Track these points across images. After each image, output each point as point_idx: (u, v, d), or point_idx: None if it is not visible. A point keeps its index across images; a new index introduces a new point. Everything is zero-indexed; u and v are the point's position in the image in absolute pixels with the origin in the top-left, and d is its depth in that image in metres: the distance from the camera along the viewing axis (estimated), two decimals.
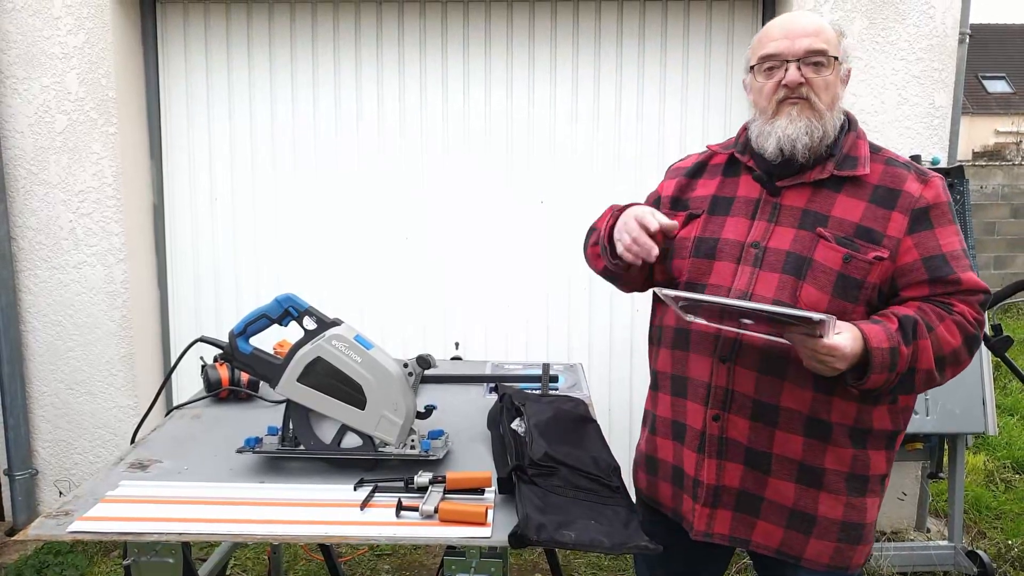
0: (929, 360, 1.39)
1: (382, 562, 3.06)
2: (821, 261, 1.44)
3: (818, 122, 1.47)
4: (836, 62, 1.48)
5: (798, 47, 1.47)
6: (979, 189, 8.14)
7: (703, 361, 1.53)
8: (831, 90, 1.48)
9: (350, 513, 1.38)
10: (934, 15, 3.03)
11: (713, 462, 1.52)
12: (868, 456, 1.50)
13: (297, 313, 1.59)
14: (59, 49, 3.09)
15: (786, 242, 1.48)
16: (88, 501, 1.42)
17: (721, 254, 1.53)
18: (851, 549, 1.51)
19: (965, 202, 2.83)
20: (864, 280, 1.43)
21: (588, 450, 1.58)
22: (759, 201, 1.54)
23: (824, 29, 1.48)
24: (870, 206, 1.46)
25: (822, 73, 1.47)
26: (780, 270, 1.46)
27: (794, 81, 1.47)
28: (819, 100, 1.47)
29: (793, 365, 1.45)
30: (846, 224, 1.45)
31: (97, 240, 3.20)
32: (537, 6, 3.27)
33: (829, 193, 1.49)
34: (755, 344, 1.46)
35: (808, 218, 1.48)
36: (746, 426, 1.49)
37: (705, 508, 1.53)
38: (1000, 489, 3.79)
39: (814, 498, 1.49)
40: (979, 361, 2.75)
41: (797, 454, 1.48)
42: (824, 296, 1.43)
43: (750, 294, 1.47)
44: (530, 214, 3.38)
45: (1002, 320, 7.33)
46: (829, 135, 1.48)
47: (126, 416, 3.30)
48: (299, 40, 3.31)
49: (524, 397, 1.85)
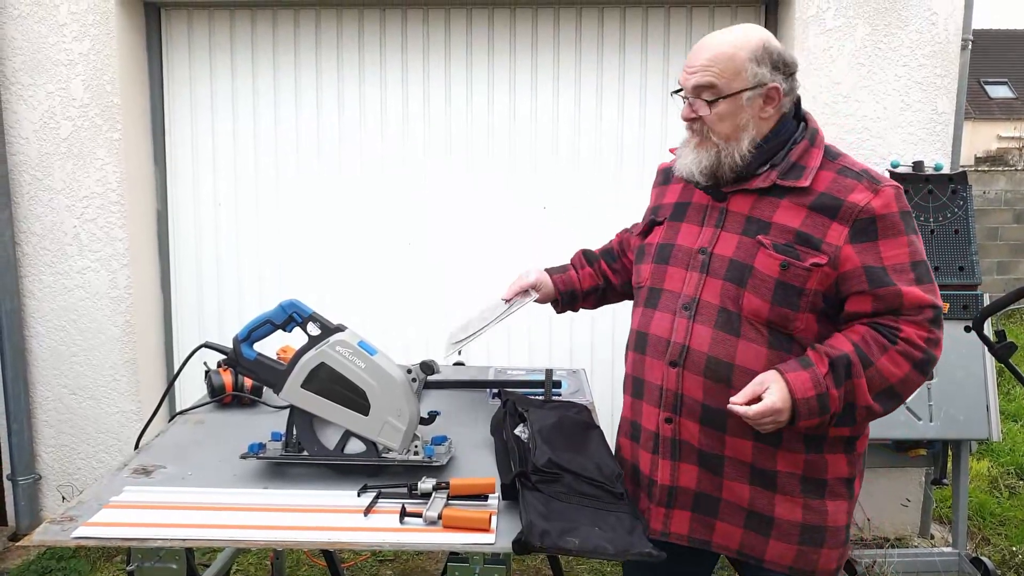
0: (866, 396, 1.40)
1: (385, 568, 3.05)
2: (760, 269, 1.47)
3: (712, 152, 1.51)
4: (735, 96, 1.47)
5: (689, 84, 1.52)
6: (982, 194, 8.13)
7: (657, 364, 1.57)
8: (729, 120, 1.49)
9: (354, 519, 1.38)
10: (936, 21, 3.03)
11: (667, 463, 1.55)
12: (824, 460, 1.52)
13: (301, 319, 1.59)
14: (64, 55, 3.11)
15: (730, 249, 1.51)
16: (92, 507, 1.42)
17: (674, 260, 1.59)
18: (815, 552, 1.52)
19: (968, 208, 2.83)
20: (804, 287, 1.45)
21: (591, 456, 1.58)
22: (708, 206, 1.58)
23: (719, 60, 1.47)
24: (811, 213, 1.47)
25: (715, 108, 1.49)
26: (723, 277, 1.50)
27: (684, 117, 1.55)
28: (713, 133, 1.50)
29: (737, 372, 1.48)
30: (787, 231, 1.47)
31: (101, 245, 3.20)
32: (540, 12, 3.28)
33: (772, 200, 1.51)
34: (702, 350, 1.50)
35: (751, 225, 1.51)
36: (697, 429, 1.53)
37: (660, 508, 1.57)
38: (1004, 495, 3.77)
39: (769, 500, 1.52)
40: (983, 367, 2.75)
41: (748, 457, 1.51)
42: (765, 304, 1.46)
43: (698, 300, 1.52)
44: (533, 220, 3.38)
45: (1006, 326, 7.31)
46: (736, 161, 1.50)
47: (129, 421, 3.30)
48: (302, 46, 3.32)
49: (527, 403, 1.85)
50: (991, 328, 2.39)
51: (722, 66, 1.47)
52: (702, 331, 1.50)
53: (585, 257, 1.98)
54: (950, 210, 2.83)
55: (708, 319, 1.51)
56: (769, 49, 1.48)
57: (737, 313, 1.48)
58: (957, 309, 2.74)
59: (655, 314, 1.59)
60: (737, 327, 1.48)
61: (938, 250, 2.80)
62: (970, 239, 2.81)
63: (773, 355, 1.47)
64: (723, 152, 1.50)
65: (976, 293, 2.76)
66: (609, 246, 2.00)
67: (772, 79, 1.48)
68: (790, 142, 1.53)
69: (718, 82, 1.47)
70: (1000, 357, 2.62)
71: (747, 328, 1.48)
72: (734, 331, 1.48)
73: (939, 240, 2.81)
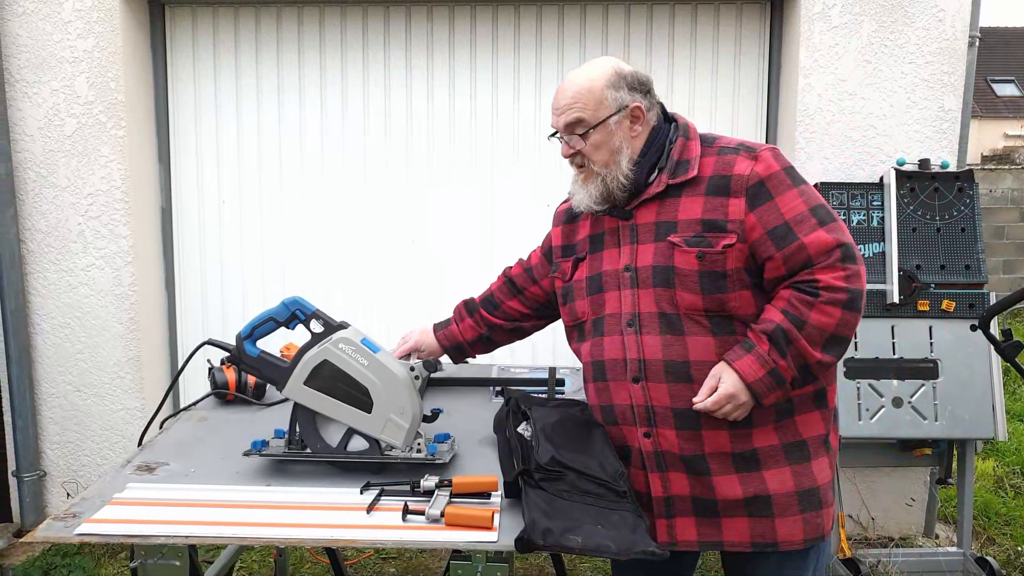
0: (813, 354, 1.47)
1: (387, 565, 3.05)
2: (681, 266, 1.54)
3: (597, 181, 1.60)
4: (603, 124, 1.57)
5: (560, 122, 1.62)
6: (988, 193, 8.10)
7: (622, 386, 1.61)
8: (604, 147, 1.59)
9: (356, 516, 1.38)
10: (943, 18, 3.02)
11: (656, 475, 1.59)
12: (795, 422, 1.57)
13: (304, 316, 1.59)
14: (69, 53, 3.11)
15: (649, 258, 1.58)
16: (96, 503, 1.43)
17: (606, 285, 1.65)
18: (817, 516, 1.57)
19: (975, 206, 2.81)
20: (725, 270, 1.52)
21: (594, 455, 1.57)
22: (618, 228, 1.64)
23: (580, 96, 1.58)
24: (708, 199, 1.55)
25: (589, 138, 1.59)
26: (652, 285, 1.57)
27: (563, 155, 1.64)
28: (594, 164, 1.59)
29: (695, 367, 1.53)
30: (693, 223, 1.55)
31: (105, 243, 3.21)
32: (544, 9, 3.27)
33: (672, 200, 1.58)
34: (657, 357, 1.56)
35: (661, 229, 1.58)
36: (674, 435, 1.57)
37: (662, 520, 1.60)
38: (1009, 495, 3.76)
39: (760, 478, 1.55)
40: (989, 366, 2.74)
41: (727, 447, 1.55)
42: (696, 297, 1.53)
43: (638, 313, 1.58)
44: (536, 217, 3.37)
45: (1011, 324, 7.28)
46: (621, 182, 1.58)
47: (133, 418, 3.31)
48: (306, 44, 3.32)
49: (530, 401, 1.84)
50: (997, 327, 2.38)
51: (584, 100, 1.57)
52: (651, 340, 1.56)
53: (466, 309, 2.04)
54: (956, 208, 2.82)
55: (652, 328, 1.57)
56: (622, 74, 1.59)
57: (675, 313, 1.55)
58: (963, 307, 2.73)
59: (604, 340, 1.64)
60: (680, 326, 1.55)
61: (944, 248, 2.79)
62: (976, 237, 2.79)
63: (719, 341, 1.53)
64: (607, 177, 1.59)
65: (982, 292, 2.75)
66: (489, 292, 2.03)
67: (632, 99, 1.59)
68: (667, 145, 1.61)
69: (584, 115, 1.57)
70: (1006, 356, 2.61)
71: (689, 324, 1.54)
72: (679, 331, 1.55)
73: (945, 238, 2.79)
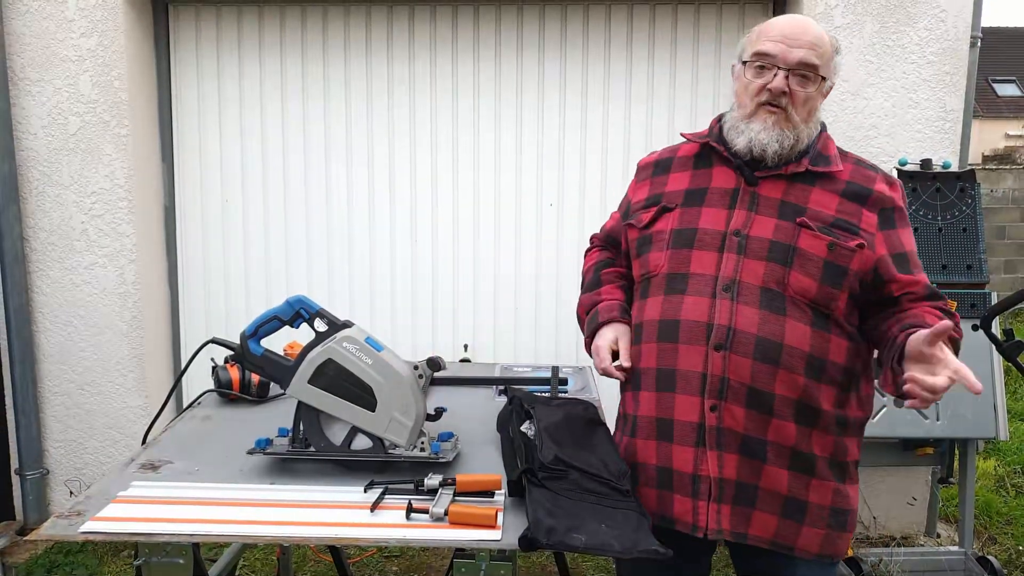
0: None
1: (391, 564, 3.06)
2: (806, 249, 1.49)
3: (791, 132, 1.52)
4: (822, 80, 1.53)
5: (792, 57, 1.50)
6: (989, 193, 8.10)
7: (696, 351, 1.51)
8: (810, 104, 1.53)
9: (360, 515, 1.39)
10: (945, 18, 3.02)
11: (714, 453, 1.51)
12: (845, 443, 1.55)
13: (308, 315, 1.59)
14: (72, 52, 3.11)
15: (768, 231, 1.52)
16: (99, 501, 1.43)
17: (700, 243, 1.56)
18: (839, 536, 1.55)
19: (976, 206, 2.81)
20: (848, 267, 1.50)
21: (598, 453, 1.57)
22: (737, 190, 1.57)
23: (822, 43, 1.52)
24: (844, 200, 1.53)
25: (806, 87, 1.52)
26: (765, 258, 1.50)
27: (778, 89, 1.50)
28: (796, 113, 1.52)
29: (786, 351, 1.48)
30: (824, 216, 1.52)
31: (109, 241, 3.21)
32: (547, 9, 3.27)
33: (804, 187, 1.54)
34: (750, 331, 1.49)
35: (787, 208, 1.53)
36: (742, 414, 1.49)
37: (713, 504, 1.51)
38: (1011, 495, 3.76)
39: (805, 485, 1.52)
40: (990, 366, 2.74)
41: (790, 440, 1.50)
42: (813, 283, 1.49)
43: (738, 281, 1.50)
44: (540, 217, 3.38)
45: (1013, 325, 7.28)
46: (802, 143, 1.54)
47: (137, 416, 3.31)
48: (310, 43, 3.32)
49: (534, 400, 1.84)
50: (999, 327, 2.38)
51: (822, 50, 1.51)
52: (748, 312, 1.48)
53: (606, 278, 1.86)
54: (958, 208, 2.82)
55: (752, 299, 1.49)
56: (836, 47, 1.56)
57: (781, 293, 1.49)
58: (965, 308, 2.73)
59: (685, 299, 1.53)
60: (782, 306, 1.49)
61: (946, 248, 2.79)
62: (978, 237, 2.79)
63: (815, 334, 1.49)
64: (801, 134, 1.53)
65: (984, 292, 2.75)
66: (594, 261, 1.90)
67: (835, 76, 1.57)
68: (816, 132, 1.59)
69: (819, 63, 1.51)
70: (1008, 356, 2.61)
71: (792, 308, 1.49)
72: (780, 310, 1.48)
73: (947, 238, 2.80)
